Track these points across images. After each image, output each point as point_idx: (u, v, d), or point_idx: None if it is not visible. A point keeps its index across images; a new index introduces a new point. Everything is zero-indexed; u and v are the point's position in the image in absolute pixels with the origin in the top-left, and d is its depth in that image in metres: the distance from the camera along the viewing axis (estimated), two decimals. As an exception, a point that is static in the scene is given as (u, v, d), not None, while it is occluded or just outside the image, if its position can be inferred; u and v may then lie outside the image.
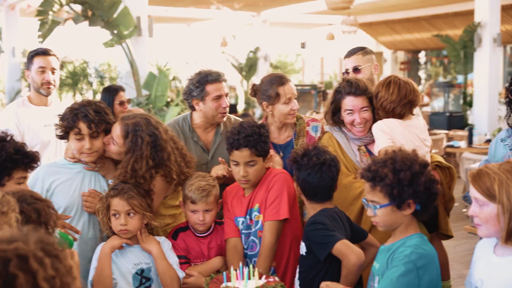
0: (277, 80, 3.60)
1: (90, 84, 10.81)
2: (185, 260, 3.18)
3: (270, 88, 3.58)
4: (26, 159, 2.54)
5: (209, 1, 13.73)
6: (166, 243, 3.12)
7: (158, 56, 10.95)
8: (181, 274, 3.05)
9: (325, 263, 2.75)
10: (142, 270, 3.05)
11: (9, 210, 1.81)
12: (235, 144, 3.08)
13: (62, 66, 11.98)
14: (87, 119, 3.03)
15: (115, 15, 8.22)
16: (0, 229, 1.65)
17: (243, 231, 3.18)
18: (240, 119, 3.80)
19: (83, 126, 3.05)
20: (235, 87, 18.86)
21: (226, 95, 3.71)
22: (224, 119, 3.78)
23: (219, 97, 3.65)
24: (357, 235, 2.94)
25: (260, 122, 3.60)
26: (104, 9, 8.12)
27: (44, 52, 4.27)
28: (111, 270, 2.98)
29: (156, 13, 14.68)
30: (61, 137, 3.17)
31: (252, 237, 3.16)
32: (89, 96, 10.76)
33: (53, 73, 4.26)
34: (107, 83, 10.53)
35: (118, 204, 2.98)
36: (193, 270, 3.11)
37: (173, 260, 3.07)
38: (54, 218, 2.16)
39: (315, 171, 2.84)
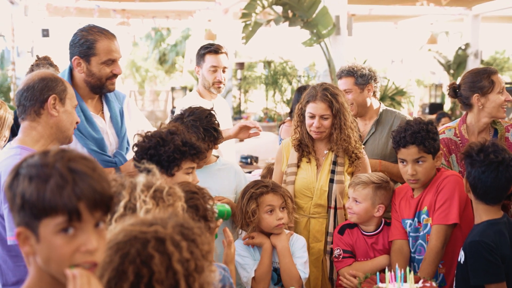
0: (488, 70, 3.47)
1: (290, 82, 11.15)
2: (350, 255, 3.16)
3: (482, 78, 3.40)
4: (193, 151, 2.69)
5: (415, -2, 13.31)
6: (299, 241, 3.13)
7: (359, 54, 10.95)
8: (304, 274, 3.02)
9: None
10: (276, 269, 3.08)
11: (176, 200, 1.95)
12: (402, 142, 2.99)
13: (264, 66, 12.52)
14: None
15: (314, 15, 8.36)
16: None
17: (410, 234, 3.07)
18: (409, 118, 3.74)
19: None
20: (442, 84, 18.07)
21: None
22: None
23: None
24: None
25: (455, 124, 3.46)
26: (303, 9, 8.29)
27: (216, 51, 4.25)
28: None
29: (360, 11, 14.66)
30: None
31: (420, 241, 3.04)
32: (288, 94, 11.14)
33: (223, 71, 4.26)
34: (308, 82, 10.81)
35: (273, 199, 3.05)
36: (359, 267, 3.08)
37: (302, 260, 3.05)
38: (211, 209, 2.27)
39: (491, 170, 2.63)
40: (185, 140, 2.67)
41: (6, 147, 2.68)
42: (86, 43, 3.06)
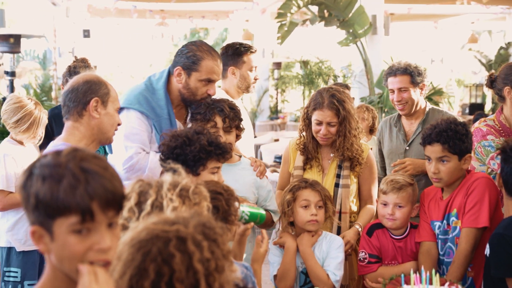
0: None
1: (326, 82, 11.12)
2: (376, 260, 3.14)
3: None
4: (219, 150, 2.71)
5: (455, -4, 13.10)
6: (336, 241, 3.11)
7: (397, 54, 10.82)
8: (334, 276, 2.98)
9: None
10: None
11: (202, 200, 1.98)
12: (427, 139, 2.99)
13: (301, 66, 12.51)
14: (223, 113, 3.11)
15: (350, 15, 8.32)
16: None
17: (439, 236, 3.04)
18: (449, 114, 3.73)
19: (218, 120, 3.12)
20: (483, 84, 17.74)
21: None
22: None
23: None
24: None
25: (493, 116, 3.47)
26: (339, 8, 8.26)
27: (254, 50, 4.10)
28: (295, 267, 3.07)
29: (398, 11, 14.50)
30: None
31: (449, 243, 3.00)
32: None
33: (256, 70, 4.14)
34: (344, 82, 10.77)
35: (309, 194, 3.06)
36: (385, 273, 3.03)
37: (336, 260, 3.03)
38: (234, 212, 2.30)
39: None
40: (210, 140, 2.70)
41: (51, 145, 2.79)
42: (193, 57, 3.17)
